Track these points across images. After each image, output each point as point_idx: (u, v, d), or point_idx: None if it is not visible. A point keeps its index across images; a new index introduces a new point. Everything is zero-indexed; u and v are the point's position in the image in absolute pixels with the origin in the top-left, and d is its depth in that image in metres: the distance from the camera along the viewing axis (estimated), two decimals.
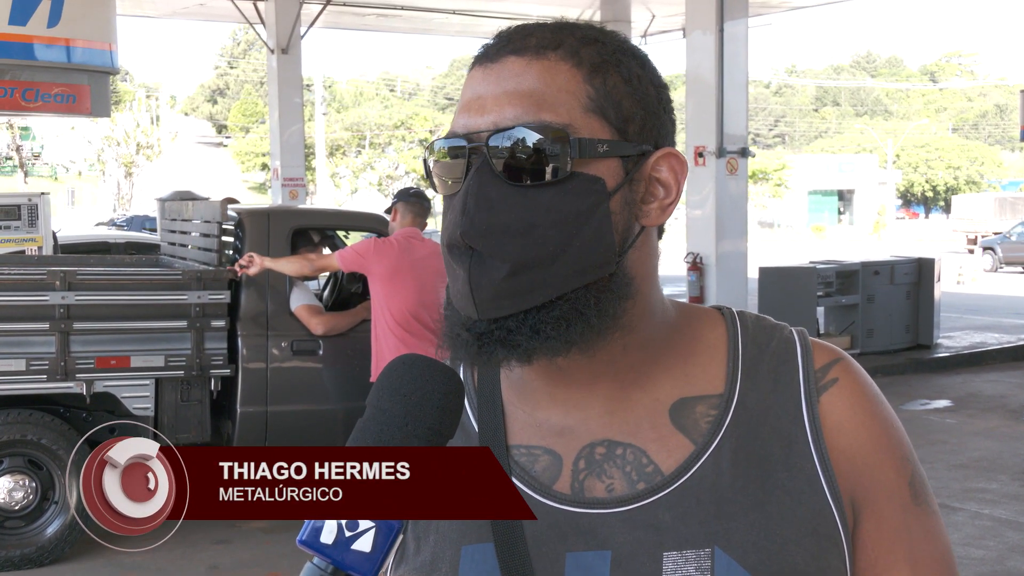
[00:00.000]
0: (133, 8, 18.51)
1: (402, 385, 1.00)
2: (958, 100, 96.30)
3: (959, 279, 24.11)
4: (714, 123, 12.01)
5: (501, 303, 1.04)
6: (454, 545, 1.11)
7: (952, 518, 7.08)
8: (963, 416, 10.49)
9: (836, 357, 1.14)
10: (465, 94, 1.10)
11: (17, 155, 51.55)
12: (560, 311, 1.05)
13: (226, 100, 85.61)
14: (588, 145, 1.05)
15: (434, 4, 18.96)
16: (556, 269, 1.04)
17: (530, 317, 1.04)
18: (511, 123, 1.04)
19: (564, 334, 1.05)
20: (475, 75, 1.09)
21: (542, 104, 1.05)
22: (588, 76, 1.07)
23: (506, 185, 1.04)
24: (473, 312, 1.05)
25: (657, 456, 1.09)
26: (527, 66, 1.06)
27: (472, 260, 1.04)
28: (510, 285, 1.03)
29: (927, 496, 1.13)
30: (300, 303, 6.56)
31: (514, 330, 1.04)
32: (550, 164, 1.03)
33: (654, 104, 1.11)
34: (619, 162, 1.07)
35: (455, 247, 1.05)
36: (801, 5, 19.32)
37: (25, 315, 6.05)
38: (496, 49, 1.09)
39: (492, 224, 1.03)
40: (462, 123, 1.08)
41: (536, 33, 1.09)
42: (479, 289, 1.04)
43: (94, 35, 10.71)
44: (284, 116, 17.03)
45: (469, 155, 1.05)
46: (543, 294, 1.04)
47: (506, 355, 1.05)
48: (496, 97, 1.06)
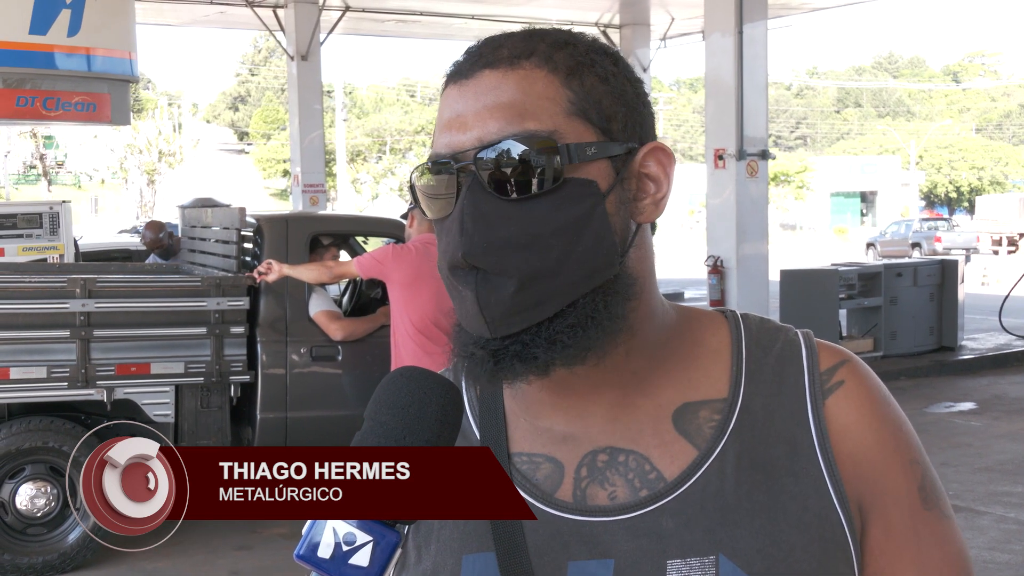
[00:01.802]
0: (154, 16, 18.62)
1: (400, 398, 0.99)
2: (981, 100, 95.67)
3: (983, 280, 23.94)
4: (734, 125, 11.97)
5: (512, 319, 1.03)
6: (455, 554, 1.10)
7: (977, 522, 7.02)
8: (988, 419, 10.40)
9: (842, 359, 1.12)
10: (443, 114, 1.08)
11: (41, 164, 51.98)
12: (573, 318, 1.04)
13: (247, 107, 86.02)
14: (577, 150, 1.03)
15: (452, 9, 19.00)
16: (563, 277, 1.03)
17: (544, 329, 1.03)
18: (496, 136, 1.03)
19: (581, 341, 1.04)
20: (450, 93, 1.08)
21: (525, 114, 1.03)
22: (565, 80, 1.05)
23: (500, 200, 1.02)
24: (485, 331, 1.04)
25: (660, 462, 1.08)
26: (503, 77, 1.05)
27: (478, 279, 1.03)
28: (520, 300, 1.02)
29: (939, 500, 1.11)
30: (319, 309, 6.56)
31: (530, 343, 1.03)
32: (540, 173, 1.02)
33: (633, 100, 1.10)
34: (608, 163, 1.06)
35: (457, 268, 1.04)
36: (821, 6, 19.23)
37: (46, 323, 6.08)
38: (469, 65, 1.07)
39: (493, 241, 1.02)
40: (445, 143, 1.06)
41: (506, 44, 1.08)
42: (489, 308, 1.03)
43: (114, 44, 10.77)
44: (304, 122, 17.10)
45: (458, 174, 1.04)
46: (554, 304, 1.03)
47: (524, 369, 1.04)
48: (477, 112, 1.04)
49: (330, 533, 0.93)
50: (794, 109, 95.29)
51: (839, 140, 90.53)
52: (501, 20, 19.44)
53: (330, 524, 0.93)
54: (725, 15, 12.17)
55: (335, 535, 0.92)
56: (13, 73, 10.16)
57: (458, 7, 18.81)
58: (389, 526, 0.94)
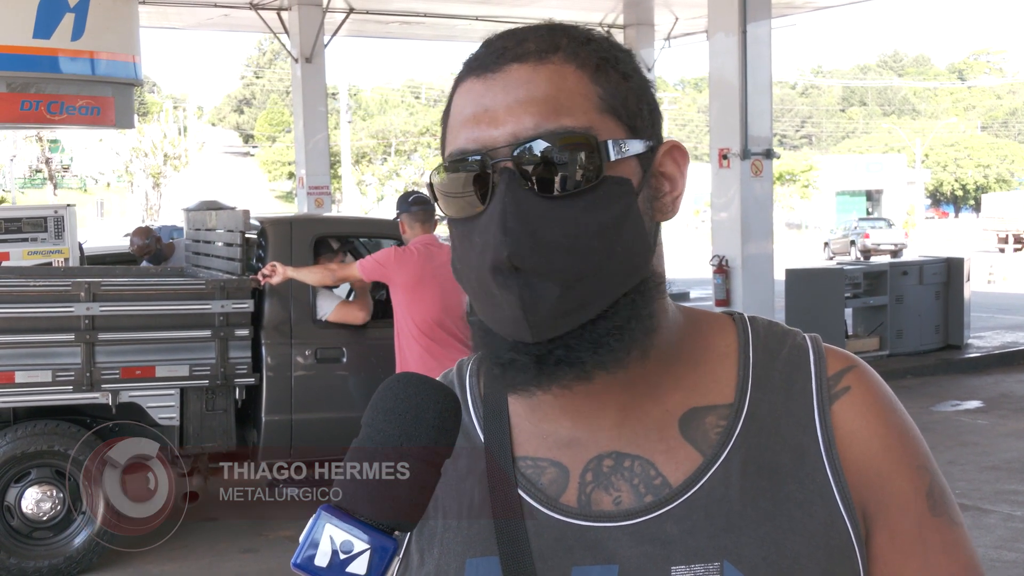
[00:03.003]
0: (159, 20, 18.64)
1: (396, 404, 0.97)
2: (987, 98, 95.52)
3: (989, 278, 23.89)
4: (738, 125, 11.95)
5: (557, 322, 1.00)
6: (459, 558, 1.09)
7: (984, 520, 6.99)
8: (995, 417, 10.37)
9: (850, 364, 1.11)
10: (466, 108, 1.04)
11: (47, 167, 52.06)
12: (617, 320, 1.02)
13: (253, 110, 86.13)
14: (613, 146, 1.02)
15: (457, 11, 19.00)
16: (605, 278, 1.01)
17: (587, 331, 1.01)
18: (532, 132, 1.00)
19: (625, 342, 1.02)
20: (474, 87, 1.04)
21: (560, 109, 1.01)
22: (593, 76, 1.03)
23: (540, 198, 0.99)
24: (527, 335, 1.00)
25: (665, 468, 1.07)
26: (534, 71, 1.02)
27: (521, 283, 0.99)
28: (565, 303, 0.99)
29: (948, 507, 1.09)
30: (331, 308, 6.55)
31: (574, 347, 1.01)
32: (580, 171, 1.00)
33: (651, 98, 1.09)
34: (637, 160, 1.05)
35: (500, 270, 0.99)
36: (825, 5, 19.20)
37: (51, 326, 6.08)
38: (494, 58, 1.04)
39: (537, 241, 0.98)
40: (472, 137, 1.02)
41: (531, 38, 1.05)
42: (533, 311, 0.99)
43: (118, 47, 10.78)
44: (309, 125, 17.10)
45: (492, 171, 1.00)
46: (597, 306, 1.01)
47: (570, 374, 1.01)
48: (508, 107, 1.01)
49: (327, 541, 0.92)
50: (799, 108, 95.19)
51: (844, 139, 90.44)
52: (505, 21, 19.42)
53: (327, 532, 0.92)
54: (729, 15, 12.15)
55: (332, 543, 0.91)
56: (17, 77, 10.17)
57: (462, 8, 18.81)
58: (387, 533, 0.93)
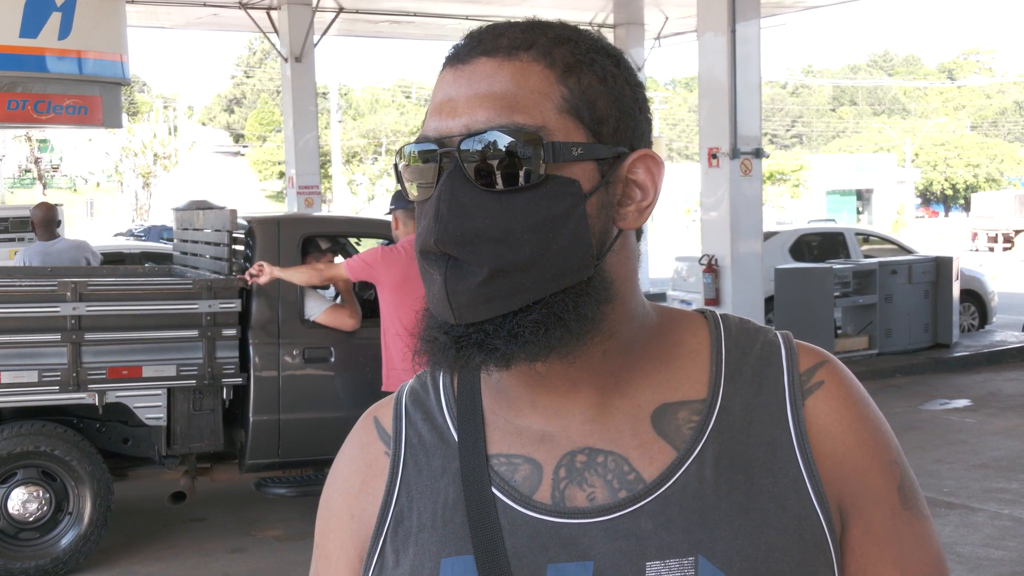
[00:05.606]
0: (148, 19, 18.60)
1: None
2: (977, 97, 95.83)
3: None
4: (727, 124, 11.95)
5: (478, 308, 1.02)
6: (434, 557, 1.09)
7: (971, 519, 7.01)
8: (983, 415, 10.39)
9: (822, 360, 1.12)
10: (436, 96, 1.07)
11: (36, 167, 51.92)
12: (538, 315, 1.03)
13: (243, 109, 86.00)
14: (562, 149, 1.02)
15: (446, 10, 18.99)
16: (533, 274, 1.02)
17: (508, 321, 1.02)
18: (483, 126, 1.02)
19: (542, 338, 1.03)
20: (446, 77, 1.07)
21: (515, 106, 1.02)
22: (561, 76, 1.04)
23: (479, 190, 1.02)
24: (450, 316, 1.03)
25: (639, 463, 1.07)
26: (499, 67, 1.04)
27: (448, 265, 1.02)
28: (487, 290, 1.01)
29: (917, 500, 1.11)
30: (320, 311, 6.53)
31: (492, 334, 1.02)
32: (523, 168, 1.01)
33: (630, 104, 1.09)
34: (595, 164, 1.05)
35: (429, 253, 1.03)
36: (815, 4, 19.22)
37: (37, 326, 6.06)
38: (467, 50, 1.06)
39: (466, 230, 1.01)
40: (433, 127, 1.05)
41: (508, 33, 1.07)
42: (455, 294, 1.02)
43: (105, 46, 10.75)
44: (299, 124, 17.07)
45: (441, 159, 1.03)
46: (521, 299, 1.02)
47: (484, 359, 1.03)
48: (468, 99, 1.04)
49: None
50: (790, 107, 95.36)
51: (835, 138, 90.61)
52: (495, 20, 19.40)
53: None
54: (718, 14, 12.16)
55: None
56: (4, 76, 10.13)
57: (452, 8, 18.79)
58: None
